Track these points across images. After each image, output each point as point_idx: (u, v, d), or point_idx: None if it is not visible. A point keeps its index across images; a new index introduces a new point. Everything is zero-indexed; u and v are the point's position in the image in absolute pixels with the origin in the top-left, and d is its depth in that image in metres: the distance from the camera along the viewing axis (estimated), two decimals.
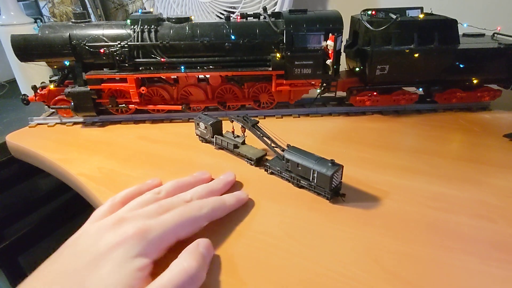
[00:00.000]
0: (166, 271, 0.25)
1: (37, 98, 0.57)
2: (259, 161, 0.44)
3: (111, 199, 0.32)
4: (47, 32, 0.53)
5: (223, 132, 0.49)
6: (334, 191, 0.36)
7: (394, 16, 0.52)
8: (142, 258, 0.25)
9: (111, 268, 0.24)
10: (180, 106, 0.58)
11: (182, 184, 0.36)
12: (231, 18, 0.57)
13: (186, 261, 0.25)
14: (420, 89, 0.61)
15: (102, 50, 0.53)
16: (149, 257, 0.26)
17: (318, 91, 0.58)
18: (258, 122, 0.44)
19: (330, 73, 0.55)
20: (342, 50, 0.56)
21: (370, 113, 0.60)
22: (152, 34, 0.54)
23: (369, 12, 0.57)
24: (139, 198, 0.32)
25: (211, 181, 0.38)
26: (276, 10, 0.75)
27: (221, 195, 0.36)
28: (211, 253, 0.29)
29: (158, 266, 0.26)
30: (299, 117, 0.60)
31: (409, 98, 0.60)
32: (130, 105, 0.57)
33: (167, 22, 0.55)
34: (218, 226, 0.33)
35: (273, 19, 0.55)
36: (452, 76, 0.58)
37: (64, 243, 0.27)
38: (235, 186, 0.39)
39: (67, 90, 0.55)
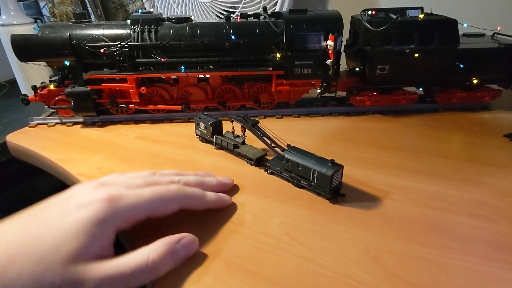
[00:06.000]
0: (133, 252, 0.25)
1: (37, 98, 0.57)
2: (259, 161, 0.44)
3: (119, 174, 0.32)
4: (47, 32, 0.53)
5: (223, 132, 0.49)
6: (334, 191, 0.36)
7: (394, 16, 0.52)
8: (104, 226, 0.25)
9: (70, 223, 0.24)
10: (180, 106, 0.58)
11: (181, 173, 0.36)
12: (231, 18, 0.57)
13: (153, 254, 0.25)
14: (420, 89, 0.61)
15: (102, 50, 0.53)
16: (112, 226, 0.25)
17: (318, 91, 0.58)
18: (258, 122, 0.44)
19: (330, 73, 0.55)
20: (342, 50, 0.56)
21: (370, 113, 0.60)
22: (152, 34, 0.54)
23: (369, 12, 0.57)
24: (135, 172, 0.32)
25: None
26: (276, 10, 0.75)
27: None
28: (189, 253, 0.28)
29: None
30: (299, 117, 0.60)
31: (409, 98, 0.60)
32: (130, 105, 0.57)
33: (167, 22, 0.55)
34: (218, 226, 0.33)
35: (273, 19, 0.55)
36: (452, 76, 0.58)
37: None
38: (231, 191, 0.38)
39: (67, 90, 0.55)
